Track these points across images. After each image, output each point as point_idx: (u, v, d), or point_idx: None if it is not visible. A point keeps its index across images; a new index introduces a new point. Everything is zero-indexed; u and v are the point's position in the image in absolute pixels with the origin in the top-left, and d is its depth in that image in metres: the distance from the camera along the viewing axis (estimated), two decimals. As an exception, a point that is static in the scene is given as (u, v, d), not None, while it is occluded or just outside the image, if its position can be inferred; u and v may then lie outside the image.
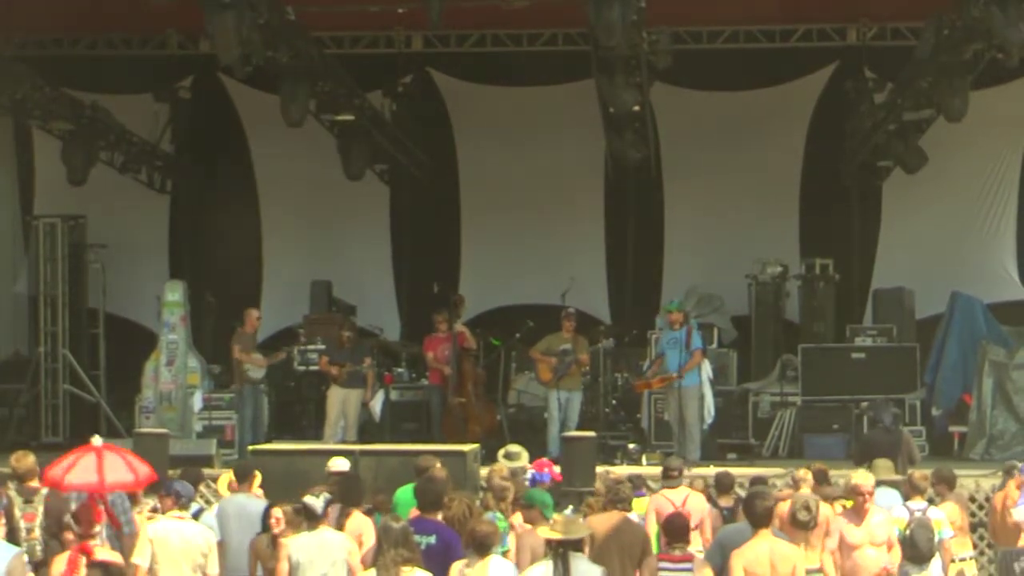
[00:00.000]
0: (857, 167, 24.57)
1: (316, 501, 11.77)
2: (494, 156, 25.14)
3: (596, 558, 11.25)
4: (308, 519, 11.78)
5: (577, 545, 10.61)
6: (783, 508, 12.88)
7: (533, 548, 11.96)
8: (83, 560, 11.05)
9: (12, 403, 22.91)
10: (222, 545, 13.20)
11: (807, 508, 12.64)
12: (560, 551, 10.45)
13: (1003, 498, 14.83)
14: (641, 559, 12.13)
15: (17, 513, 12.77)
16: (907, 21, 21.78)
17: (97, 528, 11.28)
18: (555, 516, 11.02)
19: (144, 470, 12.61)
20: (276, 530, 12.53)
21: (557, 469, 16.25)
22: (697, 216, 25.21)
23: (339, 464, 14.43)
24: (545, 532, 10.78)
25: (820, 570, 12.56)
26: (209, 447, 19.54)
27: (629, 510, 12.78)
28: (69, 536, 11.64)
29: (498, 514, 12.66)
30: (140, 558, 11.82)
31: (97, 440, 12.61)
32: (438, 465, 13.93)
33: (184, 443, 19.64)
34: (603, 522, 12.16)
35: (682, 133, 25.00)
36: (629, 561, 12.01)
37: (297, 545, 11.69)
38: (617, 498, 12.61)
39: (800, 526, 12.85)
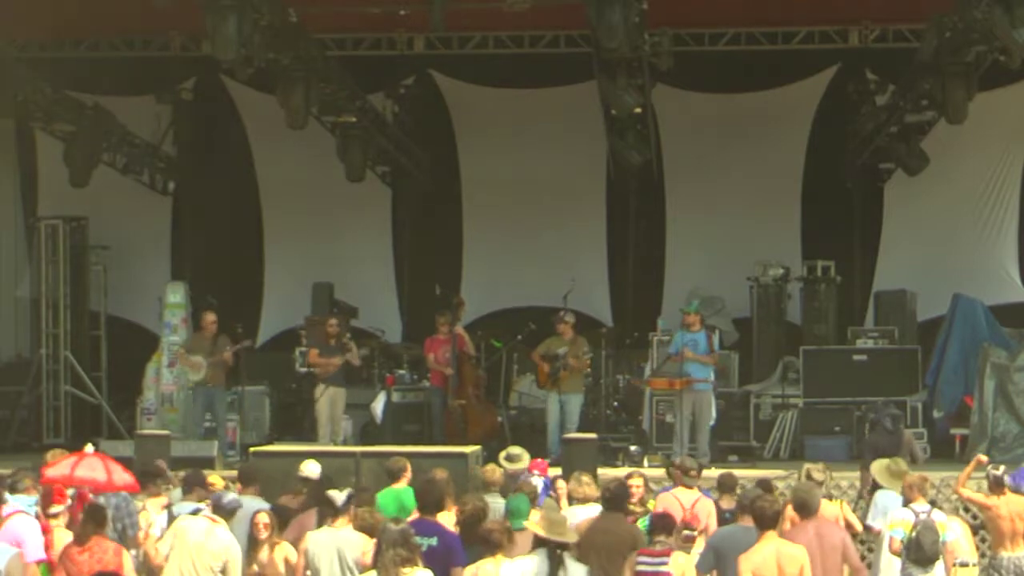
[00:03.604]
0: (859, 169, 24.58)
1: (339, 495, 11.81)
2: (496, 158, 25.11)
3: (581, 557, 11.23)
4: (329, 514, 11.82)
5: (564, 546, 10.62)
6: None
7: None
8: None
9: (14, 405, 22.90)
10: None
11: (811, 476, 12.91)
12: (556, 551, 10.48)
13: None
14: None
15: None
16: (909, 23, 21.74)
17: (55, 509, 11.47)
18: (540, 512, 10.97)
19: (124, 477, 13.00)
20: (263, 536, 12.55)
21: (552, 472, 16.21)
22: (699, 218, 25.20)
23: (311, 469, 14.42)
24: (532, 527, 10.78)
25: None
26: (211, 448, 19.53)
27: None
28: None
29: None
30: (162, 543, 12.34)
31: (89, 448, 13.29)
32: (408, 466, 13.91)
33: (186, 444, 19.64)
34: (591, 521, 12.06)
35: (684, 135, 24.99)
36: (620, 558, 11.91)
37: (315, 541, 11.79)
38: None
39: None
